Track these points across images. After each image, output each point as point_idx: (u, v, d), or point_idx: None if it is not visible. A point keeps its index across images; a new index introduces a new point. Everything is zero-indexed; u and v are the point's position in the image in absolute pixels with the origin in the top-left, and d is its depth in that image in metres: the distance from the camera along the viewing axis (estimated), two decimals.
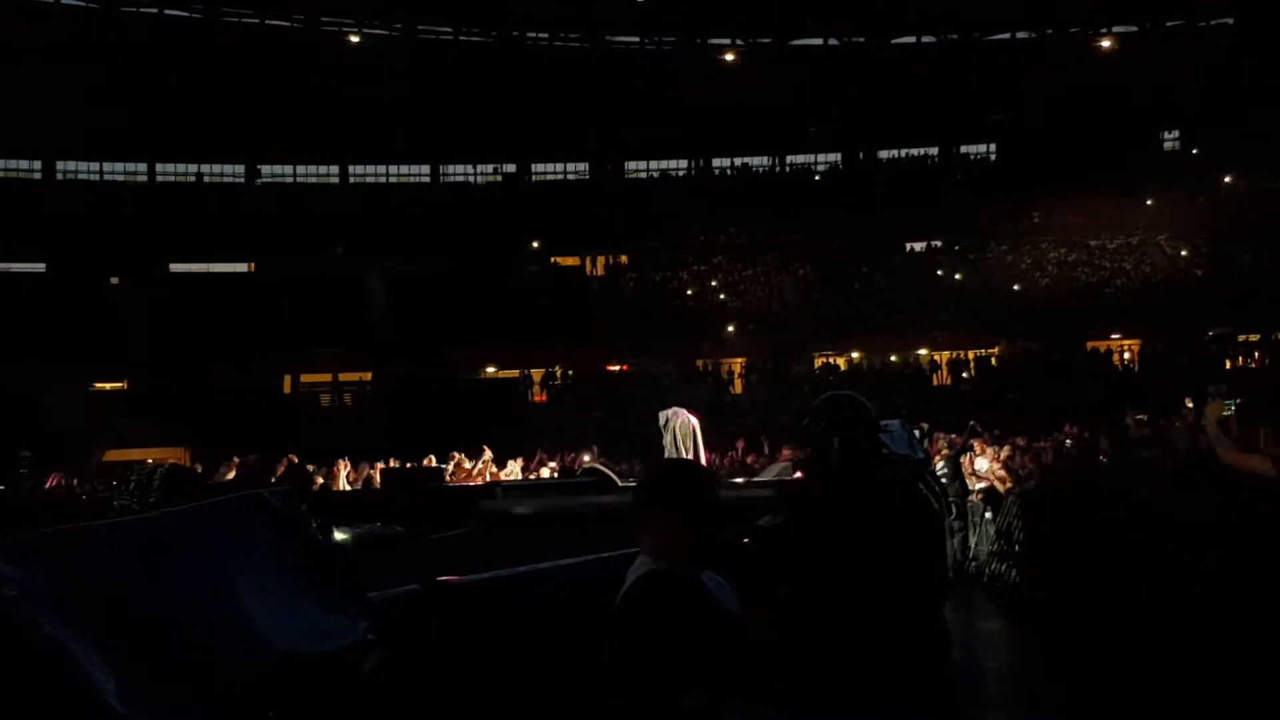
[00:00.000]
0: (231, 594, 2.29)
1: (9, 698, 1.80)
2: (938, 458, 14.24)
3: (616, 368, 37.58)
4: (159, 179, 45.81)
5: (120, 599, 2.09)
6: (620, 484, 12.88)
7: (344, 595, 2.60)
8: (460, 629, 3.21)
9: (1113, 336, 38.98)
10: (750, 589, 3.82)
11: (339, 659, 2.41)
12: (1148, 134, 48.34)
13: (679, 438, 13.29)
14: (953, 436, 15.74)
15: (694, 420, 13.34)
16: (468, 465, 15.25)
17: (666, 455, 13.43)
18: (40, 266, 40.31)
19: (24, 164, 44.11)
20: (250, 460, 11.15)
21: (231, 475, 12.14)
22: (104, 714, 1.85)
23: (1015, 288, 41.59)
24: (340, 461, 14.20)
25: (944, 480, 13.57)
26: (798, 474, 11.96)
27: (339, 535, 4.50)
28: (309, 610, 2.46)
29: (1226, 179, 44.02)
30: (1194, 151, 47.34)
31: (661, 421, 13.44)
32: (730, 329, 39.84)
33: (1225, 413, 7.97)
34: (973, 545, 13.76)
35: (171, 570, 2.26)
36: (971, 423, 15.90)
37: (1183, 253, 42.40)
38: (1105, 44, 42.89)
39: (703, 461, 13.20)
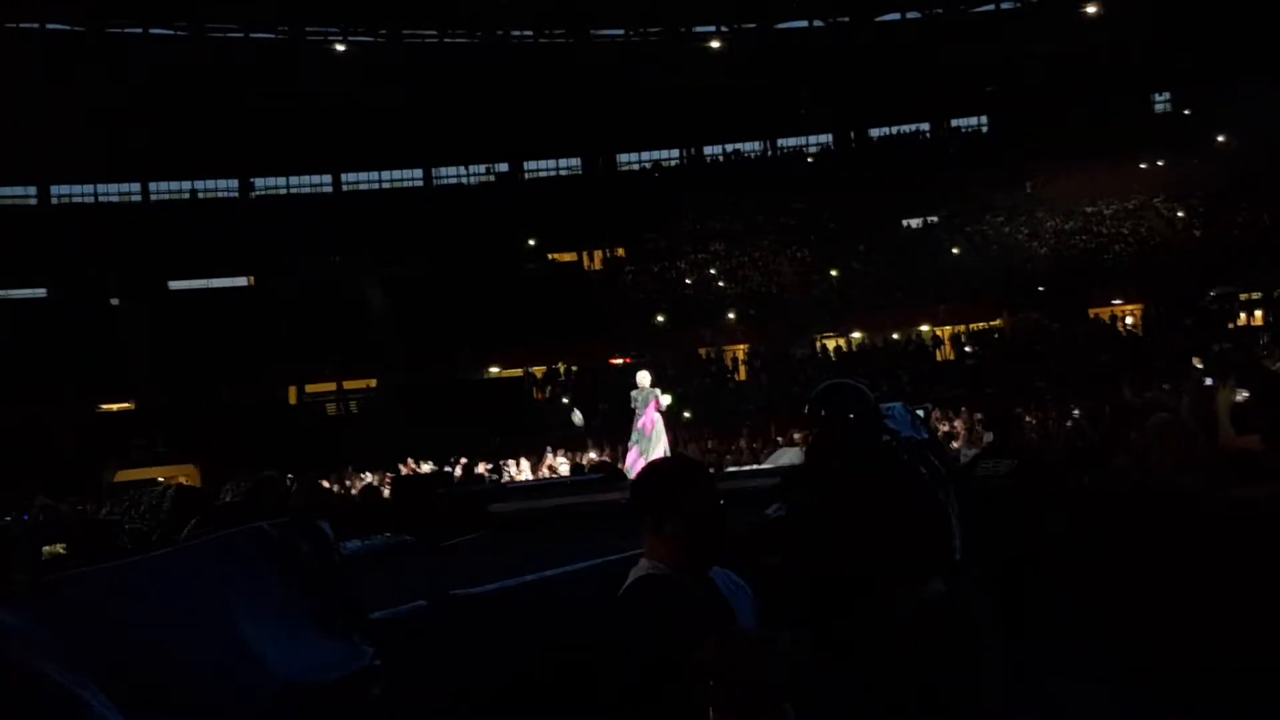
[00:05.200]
0: (234, 630, 2.32)
1: None
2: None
3: (620, 361, 37.57)
4: (153, 198, 45.80)
5: (125, 641, 2.12)
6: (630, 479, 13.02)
7: (347, 621, 2.63)
8: (470, 643, 3.18)
9: (1114, 302, 38.88)
10: (759, 582, 3.81)
11: (345, 687, 2.44)
12: (1138, 97, 48.20)
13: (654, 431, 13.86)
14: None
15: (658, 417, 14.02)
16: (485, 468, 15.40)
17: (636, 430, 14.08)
18: (41, 291, 40.37)
19: (19, 190, 44.10)
20: (264, 478, 11.18)
21: (241, 494, 12.15)
22: None
23: (1014, 259, 41.48)
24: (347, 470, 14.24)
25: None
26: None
27: (348, 549, 4.51)
28: (312, 640, 2.49)
29: (1220, 138, 43.87)
30: (1185, 112, 47.17)
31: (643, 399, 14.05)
32: (731, 316, 39.79)
33: (1236, 399, 7.96)
34: None
35: (173, 609, 2.29)
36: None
37: (1179, 214, 42.26)
38: (1091, 9, 42.69)
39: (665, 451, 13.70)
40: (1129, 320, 38.09)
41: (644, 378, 14.64)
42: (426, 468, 19.03)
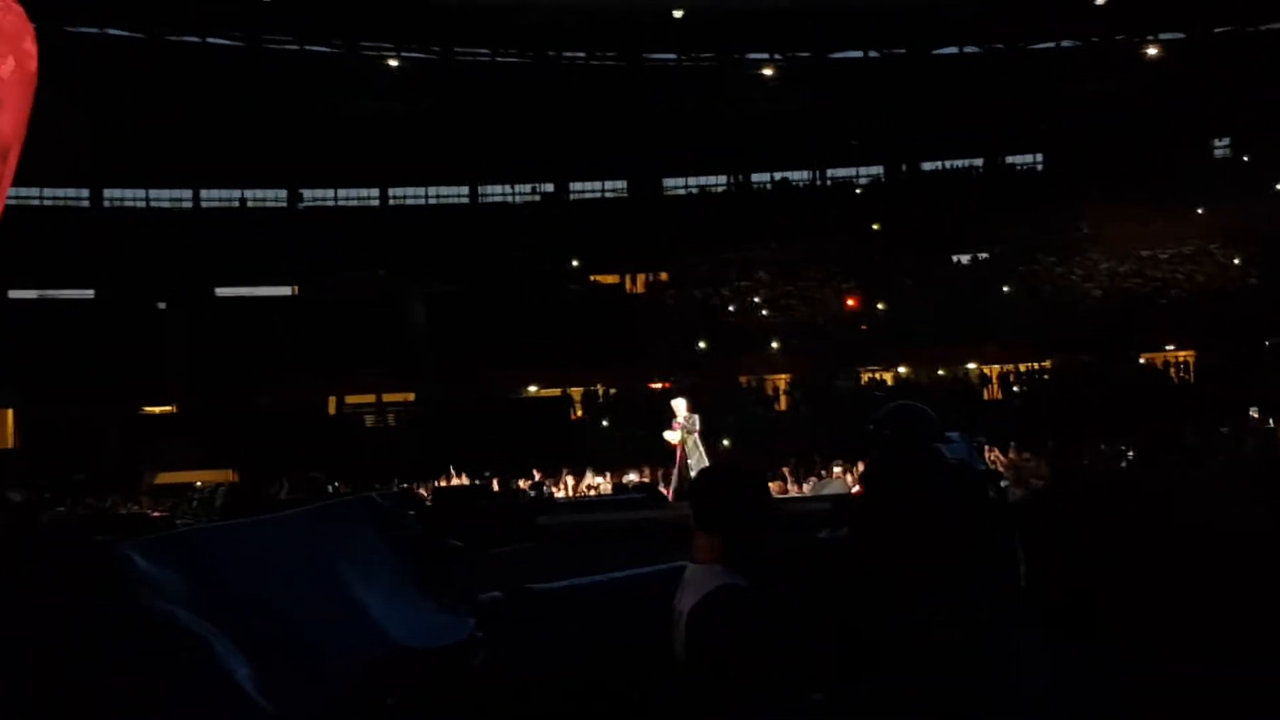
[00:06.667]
0: (349, 590, 2.44)
1: (160, 686, 1.97)
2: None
3: (658, 385, 37.45)
4: (203, 204, 46.39)
5: (247, 594, 2.25)
6: (670, 500, 12.99)
7: (453, 594, 2.77)
8: (544, 633, 3.33)
9: (1167, 348, 38.39)
10: (810, 602, 3.82)
11: (450, 653, 2.55)
12: (1198, 142, 47.73)
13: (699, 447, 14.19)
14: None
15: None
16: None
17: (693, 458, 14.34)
18: (89, 293, 40.90)
19: (71, 193, 44.75)
20: (310, 479, 11.19)
21: (284, 495, 12.13)
22: (244, 701, 2.01)
23: (1066, 299, 40.99)
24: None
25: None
26: (856, 489, 11.89)
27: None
28: (421, 607, 2.62)
29: (1279, 186, 43.33)
30: (1245, 159, 46.64)
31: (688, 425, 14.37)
32: (774, 345, 39.56)
33: None
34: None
35: (293, 567, 2.42)
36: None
37: (1236, 261, 41.70)
38: (1152, 51, 42.36)
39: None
40: (1181, 368, 37.58)
41: (681, 406, 15.41)
42: (464, 481, 19.02)
